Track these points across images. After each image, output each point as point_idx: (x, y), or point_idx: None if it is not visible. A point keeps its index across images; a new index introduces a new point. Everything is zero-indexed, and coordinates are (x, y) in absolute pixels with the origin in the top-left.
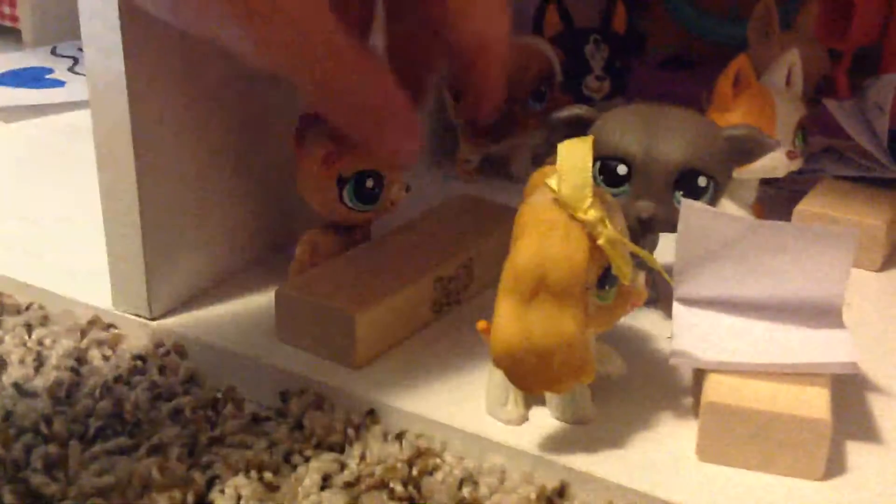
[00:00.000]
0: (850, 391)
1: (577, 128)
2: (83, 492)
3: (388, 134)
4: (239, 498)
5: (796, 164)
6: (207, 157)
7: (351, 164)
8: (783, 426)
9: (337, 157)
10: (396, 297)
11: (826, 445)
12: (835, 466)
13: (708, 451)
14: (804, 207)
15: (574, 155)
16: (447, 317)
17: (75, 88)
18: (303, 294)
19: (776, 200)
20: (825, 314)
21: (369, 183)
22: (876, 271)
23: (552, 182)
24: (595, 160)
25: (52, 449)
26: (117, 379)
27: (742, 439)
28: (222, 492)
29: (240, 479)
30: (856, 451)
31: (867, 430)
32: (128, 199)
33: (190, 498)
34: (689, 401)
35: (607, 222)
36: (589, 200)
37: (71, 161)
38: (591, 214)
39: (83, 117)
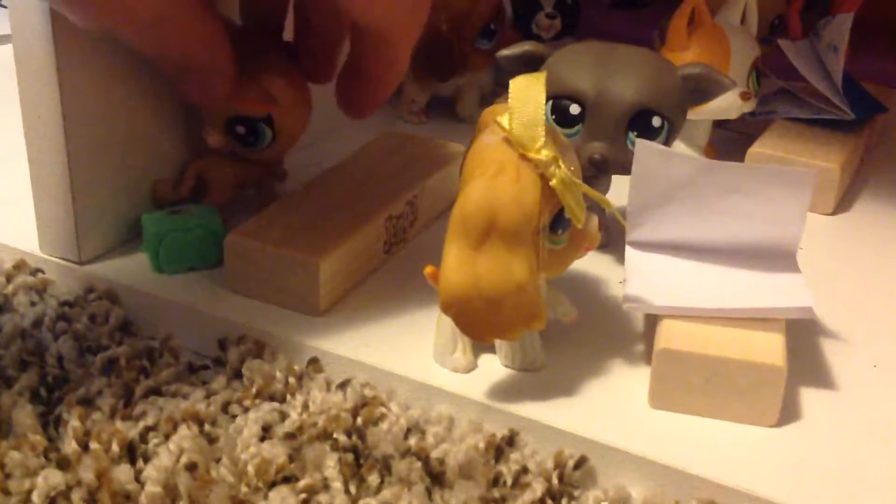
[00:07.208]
0: (804, 336)
1: (528, 66)
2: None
3: (191, 86)
4: (175, 450)
5: (750, 106)
6: (136, 94)
7: (224, 110)
8: (737, 372)
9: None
10: (355, 239)
11: (780, 391)
12: (788, 413)
13: (660, 397)
14: (757, 150)
15: (526, 91)
16: (393, 259)
17: None
18: (258, 242)
19: (728, 143)
20: (780, 258)
21: (240, 129)
22: (829, 215)
23: (503, 120)
24: (547, 99)
25: None
26: (36, 324)
27: (695, 386)
28: (158, 444)
29: (176, 431)
30: (810, 398)
31: (821, 376)
32: (53, 137)
33: (115, 447)
34: (641, 347)
35: (561, 162)
36: (541, 139)
37: None
38: (544, 154)
39: (7, 53)
